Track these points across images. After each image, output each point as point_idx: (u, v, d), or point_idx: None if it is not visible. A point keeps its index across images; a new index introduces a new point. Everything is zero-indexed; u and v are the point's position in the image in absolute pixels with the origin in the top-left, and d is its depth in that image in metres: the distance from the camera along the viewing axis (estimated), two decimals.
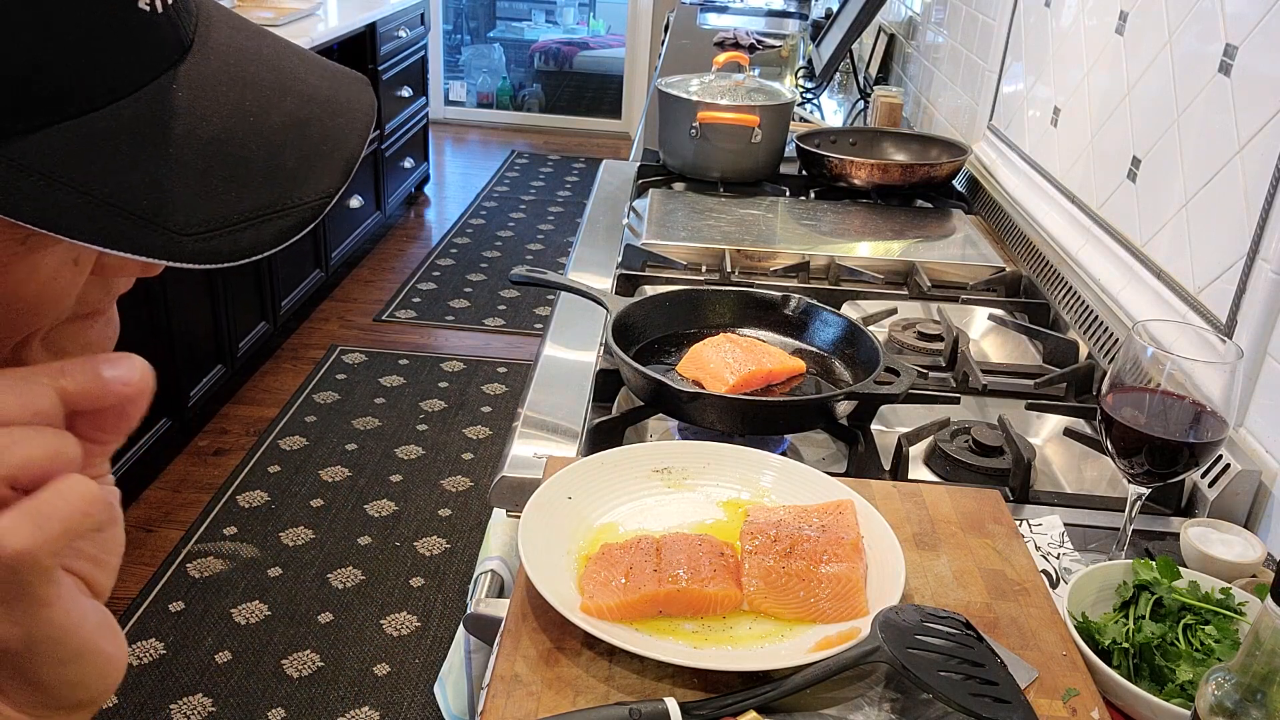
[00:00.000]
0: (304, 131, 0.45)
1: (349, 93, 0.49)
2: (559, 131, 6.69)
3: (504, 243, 4.79)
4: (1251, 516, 1.08)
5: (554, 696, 0.77)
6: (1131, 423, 0.90)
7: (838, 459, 1.19)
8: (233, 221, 0.41)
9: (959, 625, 0.83)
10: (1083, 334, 1.43)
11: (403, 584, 2.58)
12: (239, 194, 0.41)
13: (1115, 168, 1.47)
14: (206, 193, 0.41)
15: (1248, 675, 0.64)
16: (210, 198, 0.41)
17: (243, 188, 0.42)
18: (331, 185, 0.44)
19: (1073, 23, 1.68)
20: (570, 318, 1.45)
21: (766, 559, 0.88)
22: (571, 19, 7.80)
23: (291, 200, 0.43)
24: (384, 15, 4.30)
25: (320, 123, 0.46)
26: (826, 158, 1.97)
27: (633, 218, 1.87)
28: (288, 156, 0.44)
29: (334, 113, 0.47)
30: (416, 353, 3.73)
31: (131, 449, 2.71)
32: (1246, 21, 1.16)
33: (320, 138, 0.45)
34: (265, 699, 2.21)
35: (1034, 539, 1.03)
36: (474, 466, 3.07)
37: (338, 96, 0.48)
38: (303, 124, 0.45)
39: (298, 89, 0.47)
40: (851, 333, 1.27)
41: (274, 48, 0.48)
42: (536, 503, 0.94)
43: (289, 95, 0.46)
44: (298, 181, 0.43)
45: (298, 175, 0.43)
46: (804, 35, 3.94)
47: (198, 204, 0.40)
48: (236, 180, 0.42)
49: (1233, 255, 1.15)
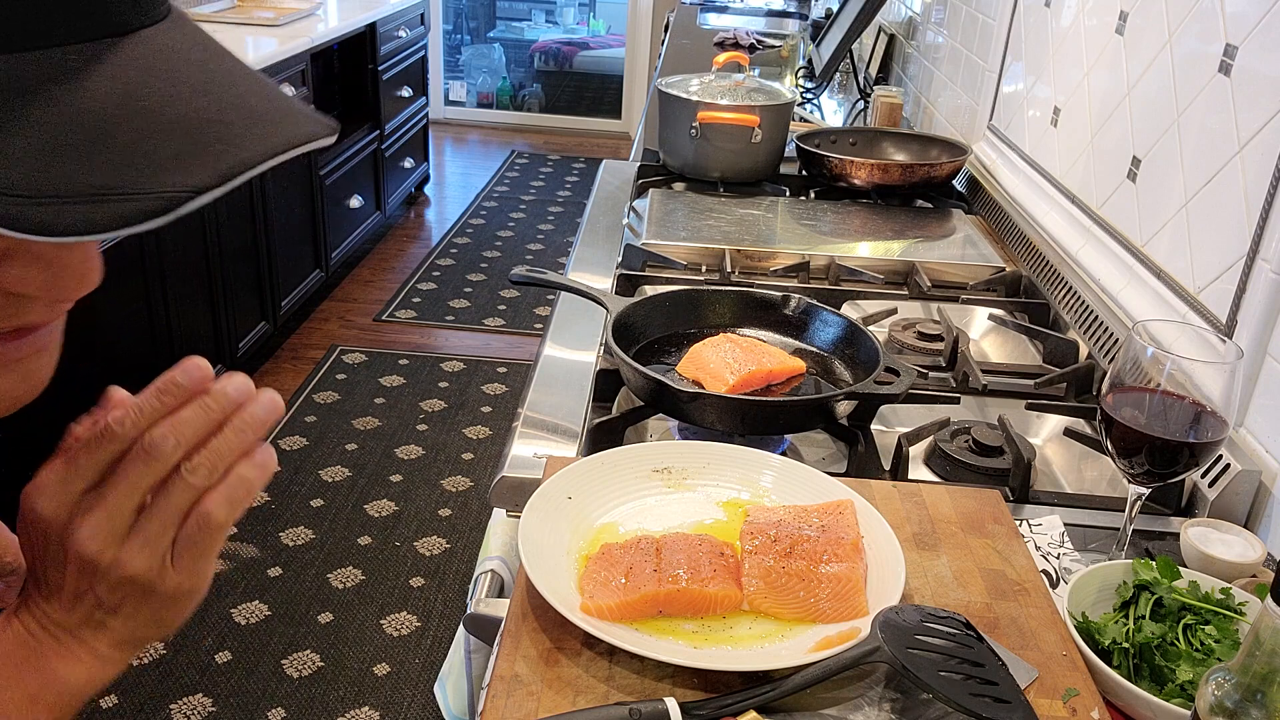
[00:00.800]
0: (200, 129, 0.44)
1: (290, 119, 0.47)
2: (559, 131, 6.69)
3: (504, 243, 4.79)
4: (1251, 516, 1.08)
5: (554, 696, 0.77)
6: (1131, 423, 0.90)
7: (838, 459, 1.19)
8: (67, 194, 0.40)
9: (959, 625, 0.83)
10: (1083, 334, 1.43)
11: (403, 584, 2.58)
12: (87, 169, 0.40)
13: (1115, 168, 1.47)
14: (51, 161, 0.40)
15: (1248, 675, 0.64)
16: (53, 167, 0.40)
17: (93, 163, 0.41)
18: (201, 183, 0.42)
19: (1073, 23, 1.68)
20: (570, 318, 1.45)
21: (766, 559, 0.88)
22: (571, 19, 7.80)
23: (143, 186, 0.41)
24: (384, 15, 4.30)
25: (227, 127, 0.45)
26: (826, 158, 1.97)
27: (633, 218, 1.87)
28: (165, 147, 0.42)
29: (252, 124, 0.46)
30: (416, 353, 3.73)
31: None
32: (1246, 21, 1.16)
33: (216, 139, 0.44)
34: (265, 699, 2.21)
35: (1034, 539, 1.03)
36: (474, 466, 3.07)
37: (269, 115, 0.46)
38: (205, 123, 0.44)
39: (223, 95, 0.46)
40: (851, 333, 1.27)
41: (227, 66, 0.48)
42: (536, 503, 0.94)
43: (207, 97, 0.45)
44: (162, 171, 0.42)
45: (166, 166, 0.42)
46: (804, 35, 3.94)
47: (36, 170, 0.40)
48: (90, 155, 0.41)
49: (1233, 255, 1.15)
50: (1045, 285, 1.59)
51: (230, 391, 0.53)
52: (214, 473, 0.53)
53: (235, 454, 0.53)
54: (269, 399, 0.54)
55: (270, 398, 0.54)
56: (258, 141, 0.45)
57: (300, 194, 3.66)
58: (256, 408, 0.54)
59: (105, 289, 2.19)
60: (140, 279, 2.69)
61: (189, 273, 2.94)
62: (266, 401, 0.54)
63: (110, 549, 0.52)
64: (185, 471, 0.52)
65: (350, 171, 4.11)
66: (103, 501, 0.52)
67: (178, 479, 0.52)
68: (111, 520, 0.52)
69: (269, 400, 0.54)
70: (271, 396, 0.55)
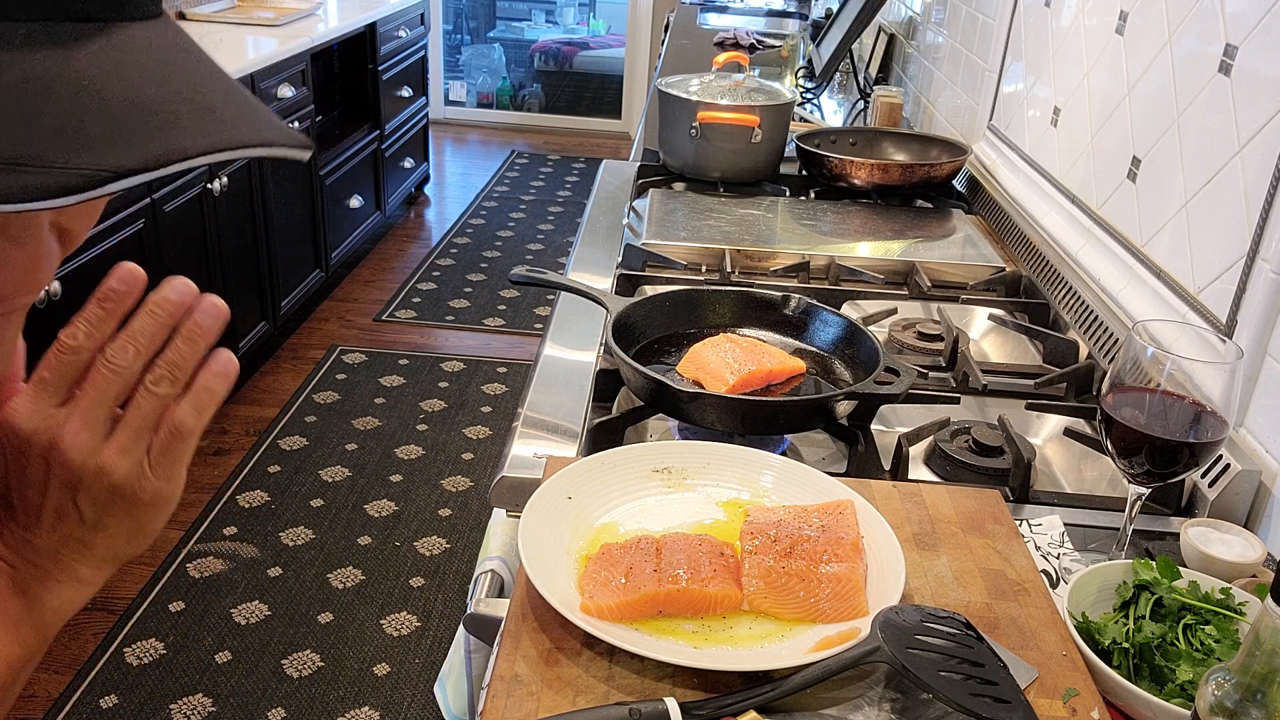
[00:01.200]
0: (143, 115, 0.42)
1: (248, 121, 0.46)
2: (559, 131, 6.69)
3: (504, 243, 4.79)
4: (1251, 516, 1.08)
5: (554, 696, 0.77)
6: (1131, 423, 0.90)
7: (838, 459, 1.19)
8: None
9: (959, 625, 0.83)
10: (1083, 334, 1.43)
11: (403, 584, 2.58)
12: (5, 138, 0.39)
13: (1115, 168, 1.47)
14: None
15: (1248, 675, 0.64)
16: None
17: (14, 134, 0.39)
18: (126, 164, 0.40)
19: (1073, 23, 1.68)
20: (570, 318, 1.45)
21: (766, 559, 0.88)
22: (571, 19, 7.80)
23: (63, 161, 0.39)
24: (384, 15, 4.30)
25: (173, 117, 0.43)
26: (826, 158, 1.97)
27: (633, 218, 1.87)
28: (98, 127, 0.41)
29: (202, 118, 0.44)
30: (416, 353, 3.73)
31: None
32: (1246, 21, 1.16)
33: (156, 126, 0.42)
34: (265, 699, 2.21)
35: (1034, 539, 1.03)
36: (474, 466, 3.07)
37: (224, 114, 0.45)
38: (150, 111, 0.42)
39: (180, 89, 0.44)
40: (851, 333, 1.27)
41: (196, 64, 0.46)
42: (536, 503, 0.94)
43: (163, 88, 0.44)
44: (88, 149, 0.40)
45: (94, 145, 0.40)
46: (804, 35, 3.94)
47: None
48: (15, 126, 0.39)
49: (1233, 255, 1.15)
50: (1045, 285, 1.59)
51: (172, 296, 0.55)
52: (177, 383, 0.55)
53: (192, 361, 0.55)
54: (210, 304, 0.56)
55: (211, 302, 0.56)
56: (202, 135, 0.43)
57: (300, 194, 3.66)
58: (201, 316, 0.56)
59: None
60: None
61: (188, 273, 2.91)
62: (209, 307, 0.56)
63: (92, 457, 0.54)
64: (150, 384, 0.54)
65: (350, 171, 4.11)
66: (77, 411, 0.54)
67: (145, 391, 0.55)
68: (90, 429, 0.54)
69: (210, 306, 0.56)
70: (213, 301, 0.56)
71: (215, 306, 0.56)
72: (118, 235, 2.54)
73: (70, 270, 2.35)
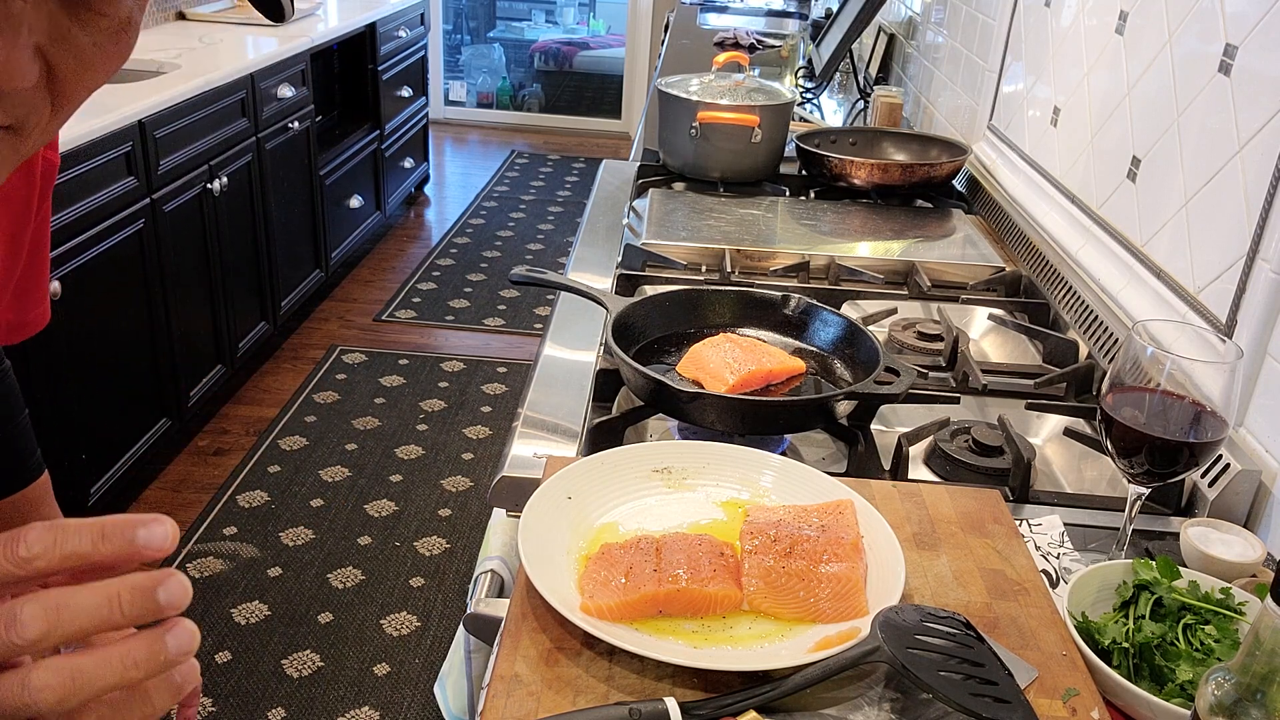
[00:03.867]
0: None
1: None
2: (559, 131, 6.69)
3: (504, 243, 4.79)
4: (1251, 516, 1.08)
5: (554, 696, 0.77)
6: (1131, 422, 0.90)
7: (838, 459, 1.19)
8: None
9: (959, 625, 0.83)
10: (1083, 334, 1.43)
11: (403, 584, 2.58)
12: None
13: (1115, 168, 1.47)
14: None
15: (1248, 675, 0.64)
16: None
17: None
18: None
19: (1073, 23, 1.68)
20: (570, 318, 1.45)
21: (766, 559, 0.88)
22: (571, 19, 7.80)
23: None
24: (384, 15, 4.30)
25: None
26: (826, 158, 1.97)
27: (633, 218, 1.87)
28: None
29: None
30: (416, 353, 3.73)
31: (131, 449, 2.71)
32: (1246, 21, 1.16)
33: None
34: (265, 699, 2.21)
35: (1034, 539, 1.03)
36: (474, 466, 3.07)
37: None
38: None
39: None
40: (851, 333, 1.27)
41: None
42: (536, 503, 0.94)
43: None
44: None
45: None
46: (804, 35, 3.94)
47: None
48: None
49: (1233, 255, 1.15)
50: (1045, 285, 1.60)
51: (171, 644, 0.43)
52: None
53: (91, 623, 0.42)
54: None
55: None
56: None
57: (300, 194, 3.66)
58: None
59: (106, 289, 2.20)
60: (140, 279, 2.68)
61: (189, 273, 2.94)
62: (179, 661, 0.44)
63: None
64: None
65: (350, 171, 4.11)
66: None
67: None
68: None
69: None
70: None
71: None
72: (118, 235, 2.54)
73: (70, 270, 2.35)
